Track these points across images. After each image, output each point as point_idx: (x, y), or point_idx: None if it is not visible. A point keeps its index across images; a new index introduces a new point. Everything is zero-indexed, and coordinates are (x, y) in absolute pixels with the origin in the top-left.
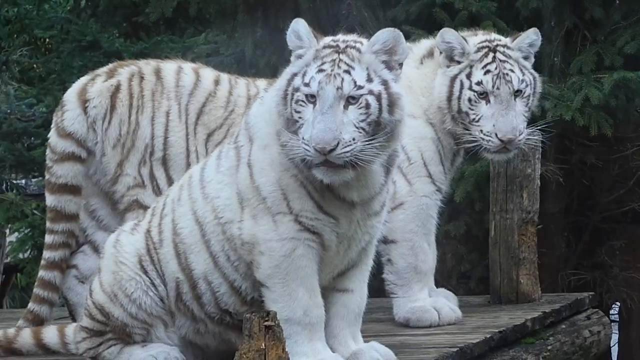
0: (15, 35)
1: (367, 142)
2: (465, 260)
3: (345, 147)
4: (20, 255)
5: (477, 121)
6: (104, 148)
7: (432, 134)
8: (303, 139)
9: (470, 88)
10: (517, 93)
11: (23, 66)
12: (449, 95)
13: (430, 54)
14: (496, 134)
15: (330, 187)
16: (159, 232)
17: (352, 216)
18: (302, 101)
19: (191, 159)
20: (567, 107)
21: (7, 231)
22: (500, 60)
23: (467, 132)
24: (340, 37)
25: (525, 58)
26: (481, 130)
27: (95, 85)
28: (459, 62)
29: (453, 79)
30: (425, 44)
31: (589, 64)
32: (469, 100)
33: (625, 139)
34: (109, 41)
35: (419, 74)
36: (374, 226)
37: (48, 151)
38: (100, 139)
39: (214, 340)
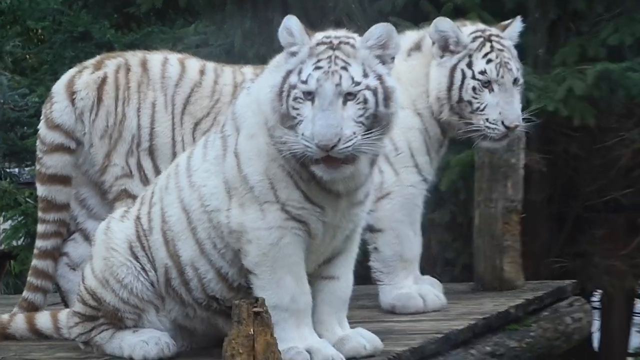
0: (8, 26)
1: (365, 136)
2: (450, 248)
3: (347, 142)
4: (14, 243)
5: (482, 110)
6: (91, 139)
7: (420, 124)
8: (303, 135)
9: (474, 77)
10: (515, 82)
11: (16, 57)
12: (449, 85)
13: (417, 47)
14: (502, 122)
15: (316, 178)
16: (149, 219)
17: (338, 206)
18: (300, 98)
19: (177, 149)
20: (550, 98)
21: (1, 219)
22: (499, 49)
23: (466, 121)
24: (332, 32)
25: (515, 47)
26: (487, 119)
27: (82, 77)
28: (453, 52)
29: (453, 69)
30: (411, 36)
31: (573, 56)
32: (473, 89)
33: (608, 130)
34: (100, 32)
35: (407, 66)
36: (358, 215)
37: (38, 142)
38: (88, 130)
39: (202, 325)
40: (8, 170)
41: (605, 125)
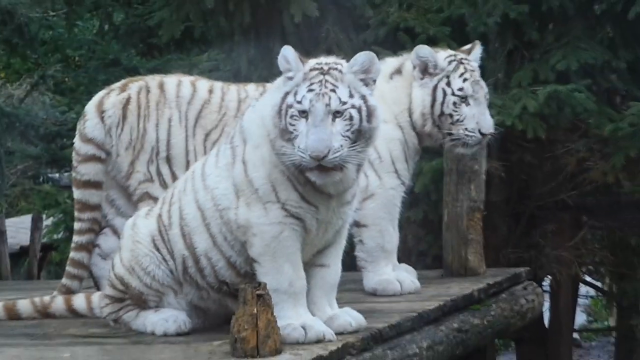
0: (50, 54)
1: (351, 148)
2: (423, 241)
3: (335, 153)
4: (55, 236)
5: (461, 121)
6: (118, 150)
7: (400, 136)
8: (299, 147)
9: (453, 94)
10: (485, 95)
11: (57, 80)
12: (432, 102)
13: (398, 71)
14: (479, 130)
15: (311, 182)
16: (169, 217)
17: (329, 205)
18: (296, 116)
19: (190, 157)
20: (508, 115)
21: (44, 216)
22: (471, 70)
23: (445, 131)
24: (323, 59)
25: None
26: (466, 129)
27: (110, 98)
28: (431, 74)
29: (434, 88)
30: (391, 62)
31: (527, 79)
32: (454, 103)
33: (556, 141)
34: (128, 59)
35: (389, 87)
36: (346, 213)
37: (73, 153)
38: (115, 143)
39: (214, 305)
40: (50, 175)
41: (554, 138)
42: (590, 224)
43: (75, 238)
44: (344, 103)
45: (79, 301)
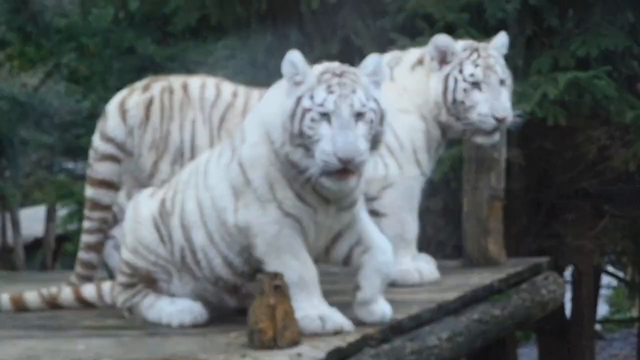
0: (64, 43)
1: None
2: (442, 230)
3: (362, 156)
4: (69, 227)
5: (474, 107)
6: (140, 150)
7: (423, 127)
8: (323, 151)
9: (465, 80)
10: (502, 82)
11: (71, 68)
12: (444, 90)
13: (420, 62)
14: (493, 115)
15: (309, 183)
16: (172, 204)
17: (328, 209)
18: (316, 119)
19: None
20: (528, 102)
21: (58, 207)
22: (484, 57)
23: (461, 120)
24: (328, 64)
25: (501, 56)
26: (478, 114)
27: (132, 98)
28: (449, 63)
29: (447, 76)
30: (414, 53)
31: (547, 66)
32: (464, 90)
33: (577, 129)
34: (143, 47)
35: (412, 78)
36: (347, 217)
37: (91, 151)
38: (137, 144)
39: (212, 298)
40: (64, 165)
41: (574, 125)
42: (611, 213)
43: (84, 238)
44: (364, 105)
45: (88, 290)
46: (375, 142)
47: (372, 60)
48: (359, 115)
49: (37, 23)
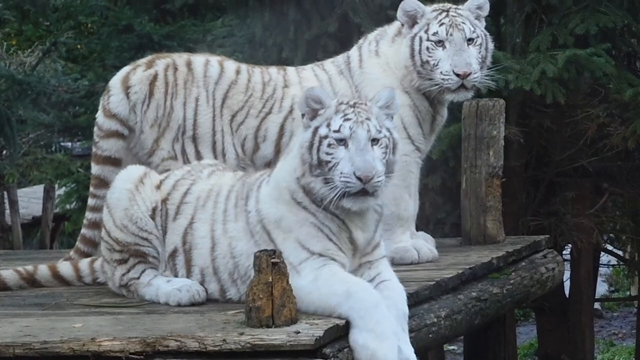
0: (62, 21)
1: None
2: (441, 208)
3: (379, 176)
4: (67, 206)
5: (437, 65)
6: (142, 127)
7: (409, 101)
8: (342, 173)
9: (428, 39)
10: (470, 41)
11: (69, 47)
12: (411, 52)
13: (399, 33)
14: (454, 71)
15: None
16: (177, 210)
17: (355, 256)
18: (334, 144)
19: (217, 137)
20: (527, 79)
21: (56, 186)
22: (453, 16)
23: (430, 80)
24: (342, 98)
25: (476, 18)
26: (441, 72)
27: (136, 74)
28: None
29: (413, 37)
30: (396, 24)
31: (545, 43)
32: (427, 49)
33: (575, 106)
34: (141, 25)
35: (392, 50)
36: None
37: (95, 129)
38: (140, 120)
39: None
40: (62, 144)
41: (573, 103)
42: (611, 191)
43: (89, 215)
44: (379, 131)
45: (64, 268)
46: (389, 170)
47: (384, 94)
48: (374, 141)
49: (35, 1)
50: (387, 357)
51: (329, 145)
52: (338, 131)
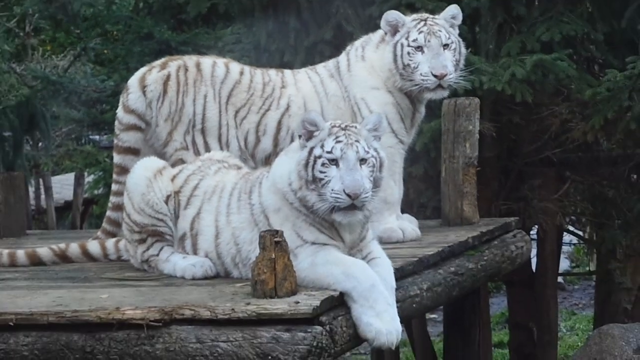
0: (91, 29)
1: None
2: (423, 194)
3: (366, 193)
4: (95, 192)
5: (417, 68)
6: (157, 121)
7: (392, 100)
8: (332, 190)
9: (409, 45)
10: (445, 46)
11: (97, 52)
12: (394, 57)
13: (382, 40)
14: (432, 72)
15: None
16: (187, 201)
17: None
18: (326, 164)
19: (222, 130)
20: (499, 81)
21: (86, 174)
22: (430, 24)
23: (411, 81)
24: (333, 122)
25: (451, 26)
26: (420, 73)
27: (151, 74)
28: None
29: (395, 44)
30: (379, 32)
31: (515, 49)
32: (408, 53)
33: (541, 105)
34: (160, 33)
35: (377, 56)
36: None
37: (116, 122)
38: (155, 114)
39: None
40: (91, 137)
41: (539, 102)
42: (572, 179)
43: (113, 199)
44: (367, 152)
45: (93, 246)
46: (376, 185)
47: (372, 118)
48: (362, 160)
49: (67, 12)
50: (391, 332)
51: (323, 164)
52: (330, 152)
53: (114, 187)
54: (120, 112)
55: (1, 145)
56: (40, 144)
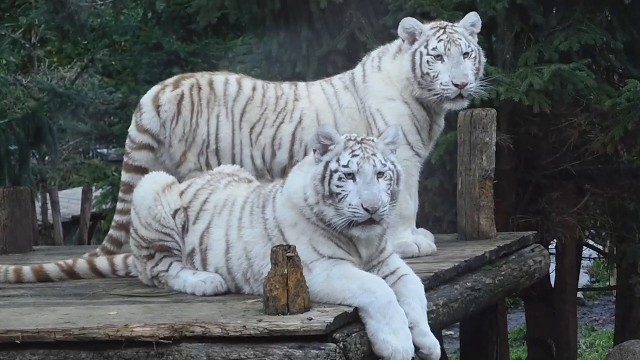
0: (98, 40)
1: (391, 205)
2: (439, 207)
3: (385, 207)
4: (104, 207)
5: (437, 77)
6: (171, 141)
7: (408, 111)
8: (350, 205)
9: (428, 54)
10: (466, 55)
11: (105, 63)
12: (412, 66)
13: (400, 50)
14: (452, 82)
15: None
16: (196, 216)
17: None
18: (343, 178)
19: (236, 150)
20: (516, 91)
21: (93, 188)
22: (450, 33)
23: (431, 90)
24: (349, 135)
25: (471, 35)
26: (441, 83)
27: (165, 94)
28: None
29: (414, 52)
30: (396, 43)
31: (533, 59)
32: (428, 62)
33: (560, 116)
34: (169, 44)
35: (394, 66)
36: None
37: (128, 141)
38: (169, 135)
39: None
40: (99, 151)
41: (558, 113)
42: (592, 192)
43: (117, 217)
44: (384, 165)
45: (101, 263)
46: (393, 199)
47: (390, 132)
48: (380, 174)
49: (74, 23)
50: (407, 351)
51: (339, 179)
52: (347, 166)
53: (119, 205)
54: (133, 131)
55: (7, 159)
56: (47, 157)
